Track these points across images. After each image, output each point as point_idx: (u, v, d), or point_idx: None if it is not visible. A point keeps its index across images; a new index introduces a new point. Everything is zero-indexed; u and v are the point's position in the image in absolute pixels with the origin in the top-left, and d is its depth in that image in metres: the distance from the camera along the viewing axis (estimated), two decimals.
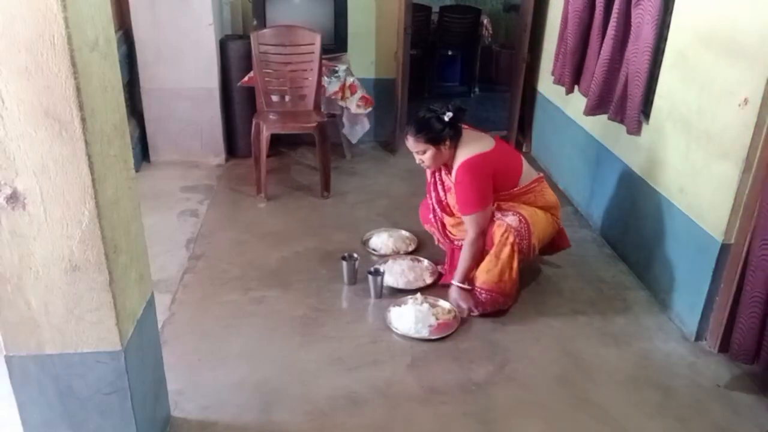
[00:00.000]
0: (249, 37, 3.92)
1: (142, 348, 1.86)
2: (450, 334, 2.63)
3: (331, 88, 4.18)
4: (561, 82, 3.80)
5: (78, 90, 1.42)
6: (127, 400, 1.76)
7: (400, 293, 2.88)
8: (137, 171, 4.04)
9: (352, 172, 4.35)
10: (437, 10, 6.38)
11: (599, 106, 3.25)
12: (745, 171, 2.32)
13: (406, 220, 3.51)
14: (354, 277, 2.98)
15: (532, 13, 4.40)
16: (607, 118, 3.20)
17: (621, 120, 3.09)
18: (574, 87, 3.67)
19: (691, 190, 2.64)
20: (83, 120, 1.44)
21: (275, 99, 4.02)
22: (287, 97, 4.02)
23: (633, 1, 2.89)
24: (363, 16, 4.58)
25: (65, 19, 1.36)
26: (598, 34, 3.29)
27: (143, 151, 4.34)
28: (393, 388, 2.35)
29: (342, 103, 4.25)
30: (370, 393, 2.32)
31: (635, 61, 2.88)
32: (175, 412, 2.19)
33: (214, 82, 4.21)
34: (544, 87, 4.46)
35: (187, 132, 4.31)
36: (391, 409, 2.25)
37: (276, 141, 4.35)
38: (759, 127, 2.25)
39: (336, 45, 4.34)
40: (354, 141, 4.51)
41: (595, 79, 3.21)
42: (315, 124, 3.76)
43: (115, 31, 2.79)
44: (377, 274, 2.87)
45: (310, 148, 4.43)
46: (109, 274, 1.60)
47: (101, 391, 1.74)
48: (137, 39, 4.06)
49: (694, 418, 2.24)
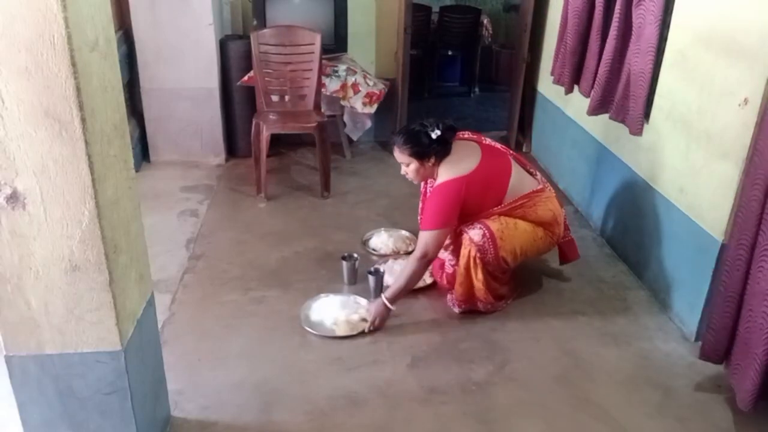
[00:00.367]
0: (249, 37, 3.92)
1: (142, 348, 1.85)
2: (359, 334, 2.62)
3: (332, 87, 4.18)
4: (560, 81, 3.81)
5: (78, 90, 1.42)
6: (127, 400, 1.76)
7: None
8: (137, 171, 4.04)
9: (352, 172, 4.35)
10: (437, 10, 6.39)
11: (602, 106, 3.25)
12: (745, 171, 2.32)
13: (406, 220, 3.51)
14: (354, 277, 2.98)
15: (532, 13, 4.40)
16: (609, 117, 3.20)
17: (623, 120, 3.09)
18: (574, 87, 3.67)
19: (691, 190, 2.64)
20: (83, 120, 1.44)
21: (275, 99, 4.02)
22: (287, 97, 4.02)
23: (634, 1, 2.89)
24: (363, 16, 4.58)
25: (65, 19, 1.35)
26: (598, 34, 3.29)
27: (143, 151, 4.34)
28: (393, 388, 2.35)
29: (344, 102, 4.25)
30: (370, 393, 2.32)
31: (638, 61, 2.88)
32: (175, 412, 2.19)
33: (214, 82, 4.21)
34: (544, 87, 4.46)
35: (187, 132, 4.31)
36: (391, 409, 2.25)
37: (276, 141, 4.35)
38: (758, 126, 2.25)
39: (336, 45, 4.34)
40: (355, 139, 4.51)
41: (598, 79, 3.21)
42: (315, 124, 3.76)
43: (115, 31, 2.79)
44: (377, 274, 2.87)
45: (310, 148, 4.43)
46: (109, 274, 1.60)
47: (101, 391, 1.74)
48: (137, 39, 4.06)
49: (694, 418, 2.24)
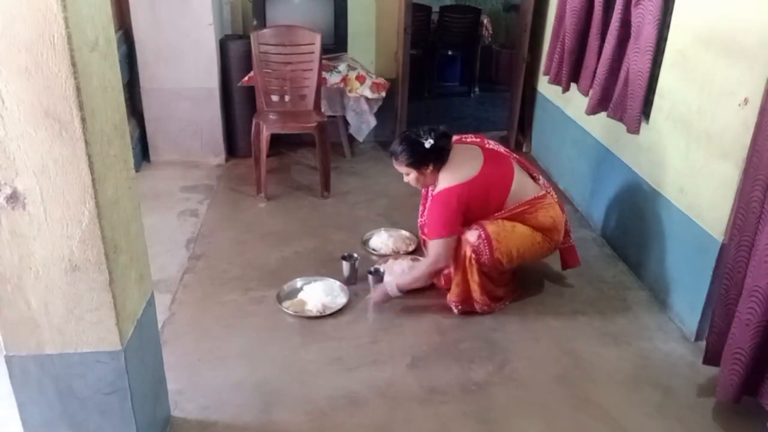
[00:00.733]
0: (249, 37, 3.92)
1: (142, 348, 1.85)
2: None
3: (333, 80, 4.17)
4: (557, 81, 3.81)
5: (78, 90, 1.42)
6: (127, 400, 1.76)
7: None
8: (137, 171, 4.04)
9: (352, 172, 4.35)
10: (437, 10, 6.38)
11: (601, 105, 3.25)
12: (745, 171, 2.32)
13: (406, 220, 3.51)
14: (354, 277, 2.98)
15: (532, 13, 4.40)
16: (607, 115, 3.19)
17: (620, 118, 3.09)
18: (571, 85, 3.67)
19: (691, 190, 2.64)
20: (83, 120, 1.44)
21: (275, 99, 4.02)
22: (287, 97, 4.01)
23: (633, 1, 2.89)
24: (363, 16, 4.58)
25: (65, 19, 1.35)
26: (597, 33, 3.29)
27: (143, 151, 4.34)
28: (393, 388, 2.35)
29: (351, 94, 4.23)
30: (370, 393, 2.32)
31: (637, 61, 2.88)
32: (175, 412, 2.19)
33: (214, 82, 4.21)
34: (544, 87, 4.46)
35: (187, 132, 4.31)
36: (391, 409, 2.25)
37: (276, 141, 4.35)
38: (758, 126, 2.25)
39: (336, 45, 4.34)
40: (361, 139, 4.50)
41: (597, 78, 3.21)
42: (315, 124, 3.76)
43: (115, 31, 2.79)
44: (377, 274, 2.87)
45: (310, 148, 4.42)
46: (109, 274, 1.60)
47: (101, 391, 1.74)
48: (137, 39, 4.06)
49: (694, 418, 2.24)
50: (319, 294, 2.82)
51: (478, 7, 6.54)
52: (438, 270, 2.74)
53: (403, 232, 3.41)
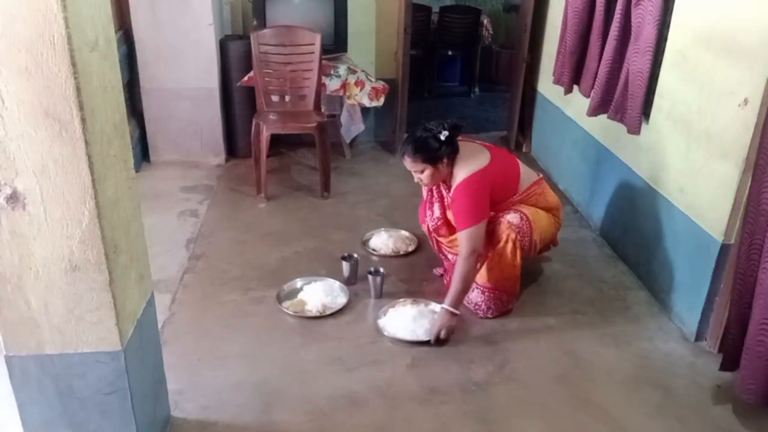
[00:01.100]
0: (249, 37, 3.92)
1: (142, 348, 1.85)
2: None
3: (332, 86, 4.18)
4: (560, 81, 3.81)
5: (78, 90, 1.42)
6: (127, 400, 1.76)
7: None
8: (137, 171, 4.04)
9: (352, 172, 4.35)
10: (437, 10, 6.38)
11: (602, 106, 3.25)
12: (745, 171, 2.32)
13: (406, 220, 3.51)
14: (354, 277, 2.98)
15: (532, 13, 4.40)
16: (607, 117, 3.20)
17: (621, 119, 3.09)
18: (573, 87, 3.67)
19: (691, 190, 2.64)
20: (83, 120, 1.44)
21: (275, 99, 4.02)
22: (287, 97, 4.01)
23: (633, 1, 2.89)
24: (363, 16, 4.58)
25: (65, 19, 1.36)
26: (599, 34, 3.29)
27: (143, 151, 4.34)
28: (393, 388, 2.35)
29: (350, 100, 4.24)
30: (370, 393, 2.32)
31: (636, 61, 2.88)
32: (175, 412, 2.19)
33: (214, 82, 4.21)
34: (544, 87, 4.46)
35: (187, 132, 4.31)
36: (391, 409, 2.25)
37: (276, 141, 4.35)
38: (759, 127, 2.25)
39: (336, 45, 4.34)
40: (348, 140, 4.51)
41: (598, 79, 3.21)
42: (315, 124, 3.76)
43: (115, 31, 2.79)
44: (377, 274, 2.87)
45: (310, 148, 4.42)
46: (109, 274, 1.60)
47: (101, 391, 1.74)
48: (137, 39, 4.06)
49: (694, 418, 2.24)
50: (319, 294, 2.82)
51: (478, 7, 6.54)
52: (477, 258, 2.65)
53: (403, 233, 3.41)
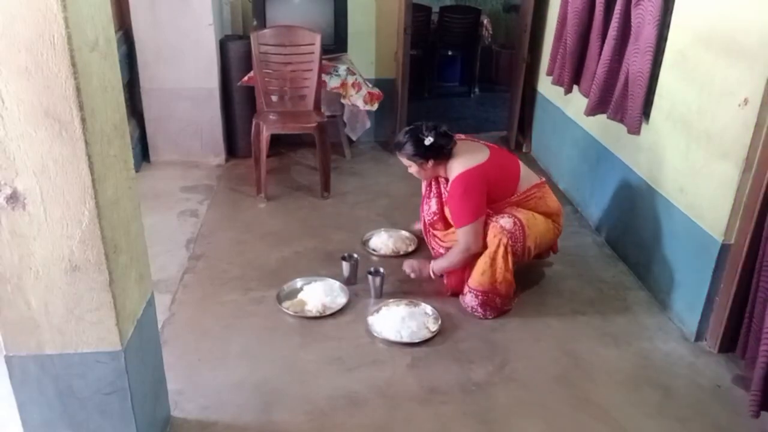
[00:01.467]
0: (249, 37, 3.92)
1: (142, 348, 1.85)
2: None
3: (332, 84, 4.18)
4: (560, 82, 3.81)
5: (78, 90, 1.42)
6: (127, 400, 1.76)
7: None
8: (137, 171, 4.04)
9: (352, 172, 4.35)
10: (437, 10, 6.38)
11: (600, 106, 3.25)
12: (745, 171, 2.32)
13: (406, 220, 3.51)
14: (354, 277, 2.98)
15: (532, 13, 4.41)
16: (607, 117, 3.20)
17: (621, 119, 3.09)
18: (573, 87, 3.67)
19: (691, 190, 2.64)
20: (83, 120, 1.44)
21: (275, 99, 4.02)
22: (287, 98, 4.02)
23: (633, 1, 2.89)
24: (363, 16, 4.58)
25: (65, 19, 1.36)
26: (599, 34, 3.29)
27: (143, 151, 4.34)
28: (393, 388, 2.35)
29: (345, 100, 4.25)
30: (370, 393, 2.32)
31: (636, 61, 2.88)
32: (175, 412, 2.19)
33: (214, 82, 4.21)
34: (544, 87, 4.46)
35: (187, 132, 4.31)
36: (391, 409, 2.25)
37: (276, 141, 4.35)
38: (759, 127, 2.25)
39: (336, 45, 4.34)
40: (354, 139, 4.52)
41: (596, 79, 3.21)
42: (315, 124, 3.76)
43: (115, 31, 2.79)
44: (377, 274, 2.87)
45: (310, 148, 4.43)
46: (109, 274, 1.60)
47: (101, 391, 1.74)
48: (137, 39, 4.06)
49: (694, 418, 2.24)
50: (319, 294, 2.82)
51: (478, 7, 6.54)
52: (471, 256, 2.73)
53: (402, 233, 3.41)
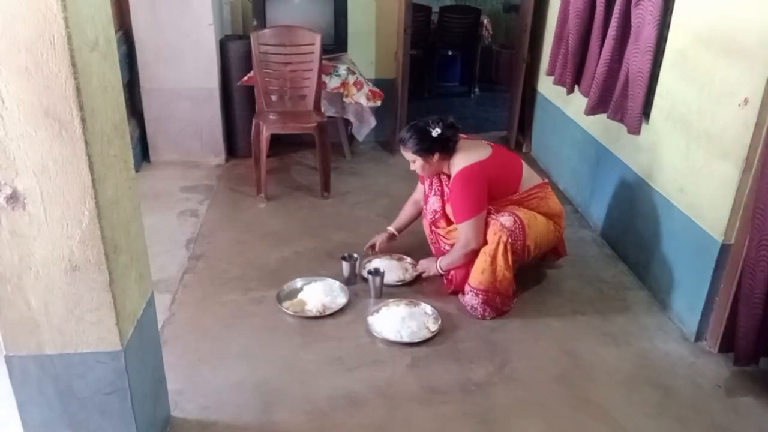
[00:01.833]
0: (249, 37, 3.92)
1: (142, 348, 1.85)
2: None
3: (332, 84, 4.18)
4: (562, 82, 3.81)
5: (78, 90, 1.42)
6: (127, 400, 1.76)
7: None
8: (137, 171, 4.04)
9: (352, 172, 4.35)
10: (437, 10, 6.39)
11: (600, 106, 3.25)
12: (745, 171, 2.32)
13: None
14: (354, 277, 2.98)
15: (532, 13, 4.41)
16: (607, 117, 3.20)
17: (621, 119, 3.09)
18: (575, 87, 3.67)
19: (691, 190, 2.64)
20: (83, 120, 1.44)
21: (275, 99, 4.02)
22: (287, 97, 4.02)
23: (633, 1, 2.89)
24: (363, 16, 4.58)
25: (65, 19, 1.35)
26: (599, 35, 3.29)
27: (143, 151, 4.34)
28: (393, 388, 2.35)
29: (348, 99, 4.25)
30: (370, 393, 2.32)
31: (636, 61, 2.88)
32: (175, 412, 2.19)
33: (214, 82, 4.21)
34: (544, 87, 4.46)
35: (187, 132, 4.31)
36: (391, 409, 2.25)
37: (276, 141, 4.35)
38: (759, 127, 2.25)
39: (336, 45, 4.34)
40: (361, 139, 4.51)
41: (596, 78, 3.22)
42: (315, 124, 3.76)
43: (115, 31, 2.79)
44: (377, 274, 2.87)
45: (310, 148, 4.42)
46: (109, 274, 1.60)
47: (101, 391, 1.74)
48: (137, 39, 4.06)
49: (694, 418, 2.24)
50: (319, 294, 2.82)
51: (478, 7, 6.54)
52: (472, 251, 2.74)
53: (405, 261, 3.16)
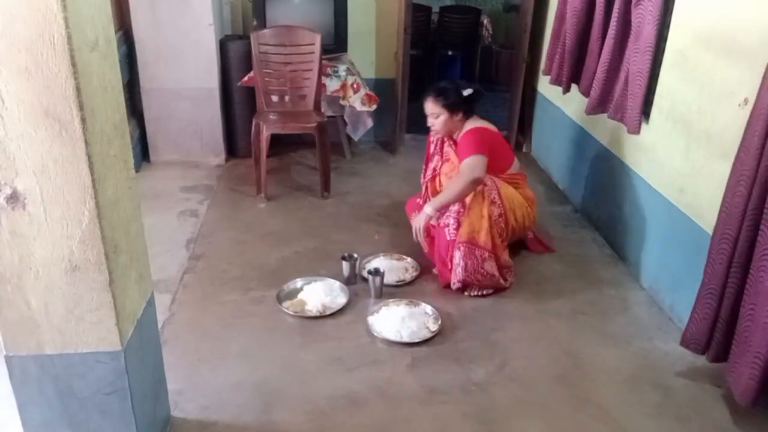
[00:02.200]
0: (249, 37, 3.92)
1: (142, 348, 1.85)
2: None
3: (332, 86, 4.18)
4: (558, 81, 3.81)
5: (78, 90, 1.42)
6: (127, 400, 1.76)
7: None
8: (137, 171, 4.04)
9: (352, 172, 4.35)
10: (437, 10, 6.39)
11: (600, 105, 3.25)
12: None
13: (406, 221, 3.50)
14: (354, 277, 2.98)
15: (532, 13, 4.41)
16: (607, 116, 3.20)
17: (621, 119, 3.09)
18: (571, 86, 3.67)
19: (691, 190, 2.64)
20: (83, 120, 1.44)
21: (275, 99, 4.02)
22: (287, 97, 4.02)
23: (633, 1, 2.89)
24: (363, 16, 4.58)
25: (65, 19, 1.35)
26: (599, 34, 3.29)
27: (143, 151, 4.35)
28: (393, 388, 2.35)
29: (344, 102, 4.26)
30: (370, 393, 2.32)
31: (636, 61, 2.88)
32: (175, 412, 2.19)
33: (214, 82, 4.21)
34: (544, 87, 4.46)
35: (187, 132, 4.31)
36: (391, 409, 2.25)
37: (276, 141, 4.35)
38: (750, 123, 2.24)
39: (336, 45, 4.34)
40: (356, 138, 4.52)
41: (597, 78, 3.22)
42: (315, 124, 3.76)
43: (115, 31, 2.79)
44: (377, 274, 2.87)
45: (310, 148, 4.43)
46: (109, 274, 1.60)
47: (101, 391, 1.74)
48: (137, 39, 4.06)
49: (694, 418, 2.24)
50: (319, 294, 2.82)
51: (478, 7, 6.55)
52: (475, 180, 2.84)
53: (405, 261, 3.17)
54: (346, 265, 2.96)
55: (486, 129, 3.06)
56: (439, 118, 3.04)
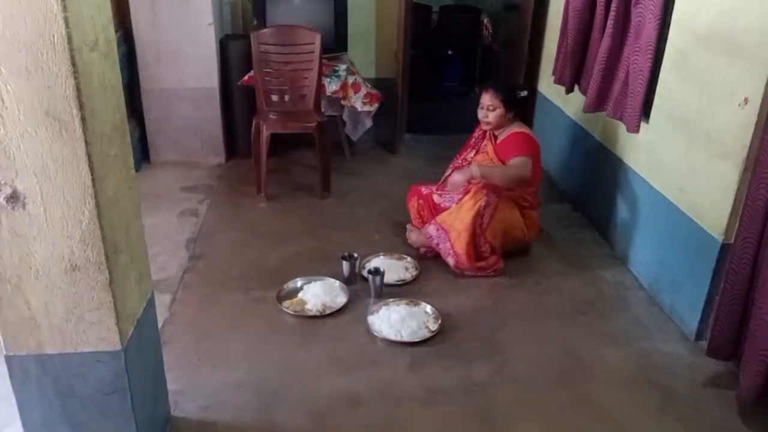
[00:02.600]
0: (249, 37, 3.92)
1: (142, 348, 1.86)
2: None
3: (332, 87, 4.18)
4: (561, 81, 3.81)
5: (78, 90, 1.42)
6: (127, 400, 1.76)
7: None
8: (137, 171, 4.04)
9: (352, 172, 4.35)
10: (437, 10, 6.38)
11: (599, 104, 3.25)
12: (745, 171, 2.32)
13: (406, 220, 3.50)
14: (354, 277, 2.98)
15: (532, 13, 4.40)
16: (606, 115, 3.20)
17: (620, 117, 3.08)
18: (574, 86, 3.67)
19: (691, 189, 2.64)
20: (83, 120, 1.44)
21: (275, 99, 4.02)
22: (287, 97, 4.01)
23: (633, 0, 2.89)
24: (363, 16, 4.59)
25: (65, 19, 1.35)
26: (599, 34, 3.29)
27: (143, 151, 4.34)
28: (393, 388, 2.35)
29: (345, 102, 4.25)
30: (370, 393, 2.32)
31: (637, 60, 2.88)
32: (175, 412, 2.20)
33: (214, 82, 4.21)
34: (544, 87, 4.46)
35: (187, 132, 4.30)
36: (391, 410, 2.25)
37: (276, 141, 4.35)
38: (759, 127, 2.25)
39: (336, 45, 4.34)
40: (355, 139, 4.51)
41: (594, 75, 3.22)
42: (315, 124, 3.76)
43: (115, 31, 2.78)
44: (377, 273, 2.87)
45: (310, 148, 4.42)
46: (109, 274, 1.60)
47: (101, 391, 1.74)
48: (137, 39, 4.06)
49: (694, 418, 2.24)
50: (319, 294, 2.82)
51: (478, 7, 6.54)
52: (521, 177, 3.03)
53: (404, 260, 3.18)
54: (346, 265, 2.96)
55: (535, 138, 3.20)
56: (494, 111, 3.13)
